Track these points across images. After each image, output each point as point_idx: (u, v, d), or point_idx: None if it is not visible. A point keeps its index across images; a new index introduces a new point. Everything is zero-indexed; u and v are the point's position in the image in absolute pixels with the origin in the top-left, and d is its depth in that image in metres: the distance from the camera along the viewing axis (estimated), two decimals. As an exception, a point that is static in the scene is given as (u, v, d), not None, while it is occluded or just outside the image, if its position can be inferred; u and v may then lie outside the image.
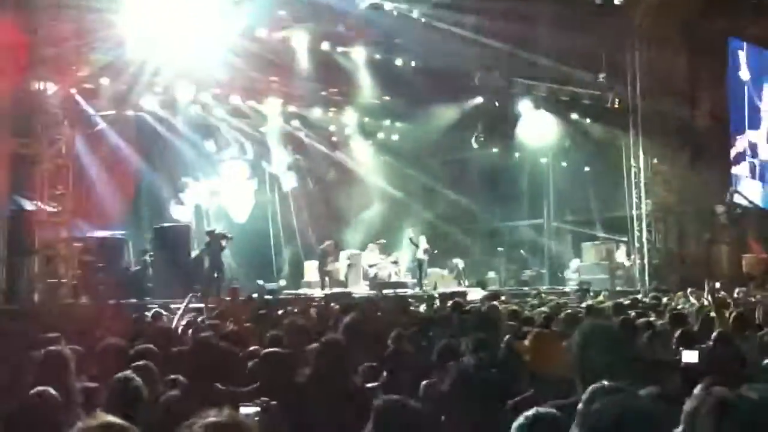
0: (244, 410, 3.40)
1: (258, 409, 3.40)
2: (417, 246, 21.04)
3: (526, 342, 4.81)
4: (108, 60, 18.34)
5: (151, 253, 18.42)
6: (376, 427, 3.12)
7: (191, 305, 10.80)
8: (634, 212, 23.38)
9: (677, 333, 6.37)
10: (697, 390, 3.51)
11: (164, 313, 10.40)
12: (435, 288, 20.33)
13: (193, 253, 18.64)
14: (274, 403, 3.48)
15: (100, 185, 18.71)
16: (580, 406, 2.42)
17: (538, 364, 4.31)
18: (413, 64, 22.57)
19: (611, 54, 23.18)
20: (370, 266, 21.45)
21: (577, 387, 3.10)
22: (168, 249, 17.88)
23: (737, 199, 23.25)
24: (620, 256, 23.02)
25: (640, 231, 23.26)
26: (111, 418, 2.42)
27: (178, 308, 9.88)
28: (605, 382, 2.60)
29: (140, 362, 4.89)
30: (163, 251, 17.90)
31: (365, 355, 5.83)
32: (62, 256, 15.36)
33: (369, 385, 4.80)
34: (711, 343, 5.85)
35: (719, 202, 23.00)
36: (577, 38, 21.63)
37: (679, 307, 10.35)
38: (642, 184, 23.30)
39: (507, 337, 5.97)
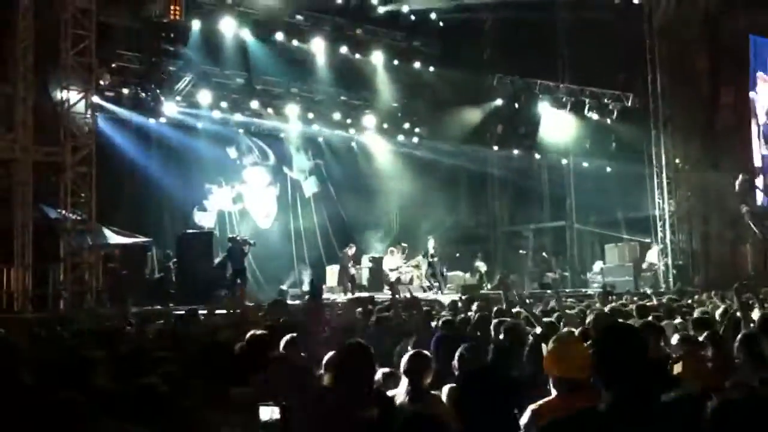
0: (265, 410, 3.41)
1: (278, 408, 3.41)
2: (426, 250, 20.94)
3: (549, 345, 4.77)
4: (130, 67, 18.61)
5: (175, 260, 18.54)
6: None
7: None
8: (657, 213, 23.20)
9: (703, 335, 6.30)
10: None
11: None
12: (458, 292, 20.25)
13: (216, 260, 18.72)
14: (293, 403, 3.49)
15: (124, 192, 18.89)
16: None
17: (560, 367, 4.27)
18: (431, 68, 22.62)
19: (631, 54, 23.05)
20: (392, 270, 21.43)
21: (601, 390, 3.07)
22: (191, 255, 17.98)
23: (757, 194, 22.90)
24: (651, 256, 22.70)
25: (664, 232, 23.07)
26: None
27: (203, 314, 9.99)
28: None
29: (164, 367, 4.91)
30: (187, 258, 18.00)
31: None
32: (87, 263, 15.51)
33: (390, 392, 4.79)
34: (736, 344, 5.77)
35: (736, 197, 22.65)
36: (596, 38, 21.57)
37: (707, 307, 10.22)
38: (665, 185, 23.11)
39: (531, 341, 5.94)
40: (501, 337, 6.14)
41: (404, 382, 4.79)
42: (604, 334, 3.29)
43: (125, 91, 18.75)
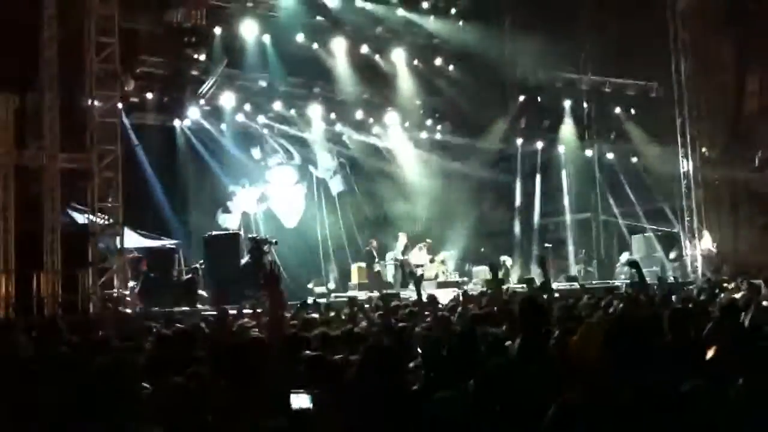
0: (297, 398, 3.44)
1: (310, 396, 3.44)
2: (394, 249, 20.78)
3: (578, 333, 4.78)
4: (153, 73, 18.78)
5: (202, 262, 18.66)
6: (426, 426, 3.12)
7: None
8: (684, 202, 22.97)
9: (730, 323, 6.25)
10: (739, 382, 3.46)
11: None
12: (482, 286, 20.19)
13: (243, 261, 18.81)
14: (325, 391, 3.51)
15: (150, 196, 19.08)
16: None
17: (588, 358, 4.27)
18: (451, 67, 22.60)
19: (655, 42, 22.82)
20: (417, 266, 21.43)
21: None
22: (219, 257, 18.07)
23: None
24: (706, 242, 22.27)
25: (691, 221, 22.84)
26: None
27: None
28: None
29: (193, 368, 4.97)
30: (214, 259, 18.10)
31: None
32: (116, 267, 15.70)
33: (414, 387, 4.81)
34: None
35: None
36: (619, 27, 21.40)
37: (737, 296, 10.12)
38: (692, 173, 22.88)
39: (557, 333, 5.92)
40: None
41: (426, 377, 4.82)
42: (613, 326, 3.29)
43: (149, 96, 18.93)
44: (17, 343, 6.71)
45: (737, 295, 9.94)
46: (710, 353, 4.96)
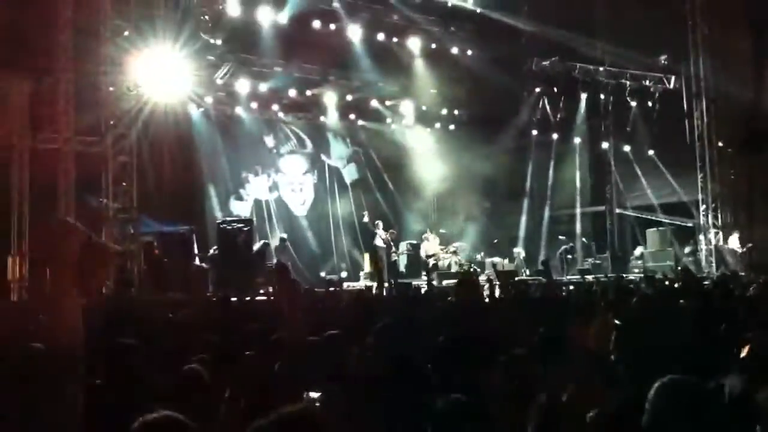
0: (309, 395, 3.44)
1: (321, 394, 3.43)
2: (375, 233, 20.45)
3: (593, 330, 4.72)
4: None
5: (216, 247, 18.66)
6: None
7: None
8: (700, 196, 22.80)
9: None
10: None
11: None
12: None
13: (255, 247, 18.82)
14: (337, 388, 3.49)
15: (164, 181, 19.06)
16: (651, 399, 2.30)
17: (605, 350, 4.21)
18: (469, 52, 22.47)
19: (673, 35, 22.62)
20: (428, 256, 21.38)
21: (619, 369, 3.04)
22: (232, 243, 18.07)
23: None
24: (733, 242, 22.02)
25: (707, 215, 22.66)
26: (169, 413, 2.45)
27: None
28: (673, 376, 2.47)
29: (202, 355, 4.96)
30: (227, 245, 18.10)
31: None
32: (130, 251, 15.73)
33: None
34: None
35: None
36: (636, 19, 21.22)
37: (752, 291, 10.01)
38: (708, 168, 22.69)
39: (568, 327, 5.86)
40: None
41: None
42: (627, 317, 3.24)
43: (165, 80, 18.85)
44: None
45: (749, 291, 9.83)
46: (744, 351, 4.88)
